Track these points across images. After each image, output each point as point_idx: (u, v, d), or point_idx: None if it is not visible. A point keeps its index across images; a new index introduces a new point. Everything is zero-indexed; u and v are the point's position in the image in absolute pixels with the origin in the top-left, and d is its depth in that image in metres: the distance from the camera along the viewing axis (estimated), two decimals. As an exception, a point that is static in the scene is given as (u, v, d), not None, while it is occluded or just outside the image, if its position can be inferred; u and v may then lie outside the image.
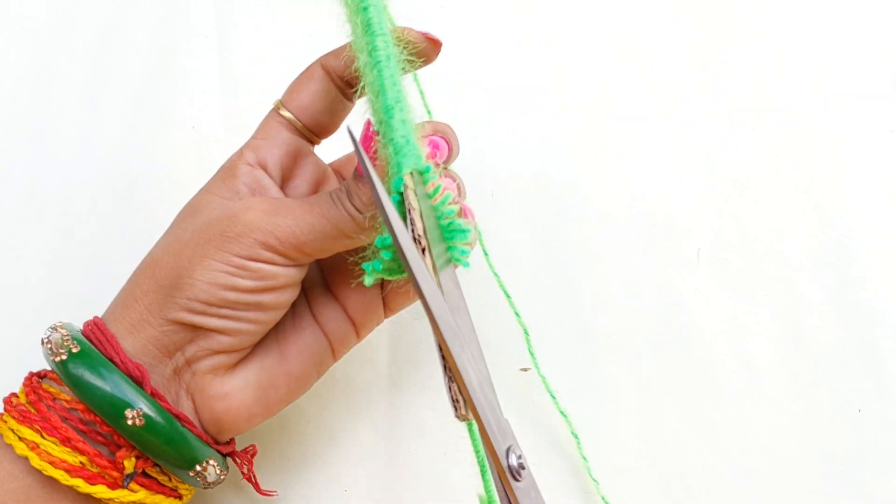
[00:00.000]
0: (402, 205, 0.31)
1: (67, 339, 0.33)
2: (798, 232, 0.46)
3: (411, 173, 0.30)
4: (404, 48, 0.33)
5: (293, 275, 0.34)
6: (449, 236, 0.32)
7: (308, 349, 0.36)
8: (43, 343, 0.33)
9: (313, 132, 0.38)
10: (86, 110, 0.50)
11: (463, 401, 0.28)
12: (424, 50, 0.34)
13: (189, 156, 0.49)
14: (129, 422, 0.32)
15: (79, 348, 0.32)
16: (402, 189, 0.30)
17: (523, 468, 0.28)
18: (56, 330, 0.33)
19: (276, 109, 0.37)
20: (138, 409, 0.32)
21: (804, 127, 0.49)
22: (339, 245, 0.34)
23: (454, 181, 0.36)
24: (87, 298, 0.36)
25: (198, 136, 0.50)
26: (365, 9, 0.32)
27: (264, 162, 0.37)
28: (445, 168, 0.36)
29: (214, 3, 0.53)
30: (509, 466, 0.27)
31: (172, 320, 0.33)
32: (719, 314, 0.44)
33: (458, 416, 0.28)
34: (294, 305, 0.37)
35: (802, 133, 0.49)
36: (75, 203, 0.48)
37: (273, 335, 0.36)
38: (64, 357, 0.32)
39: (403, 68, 0.33)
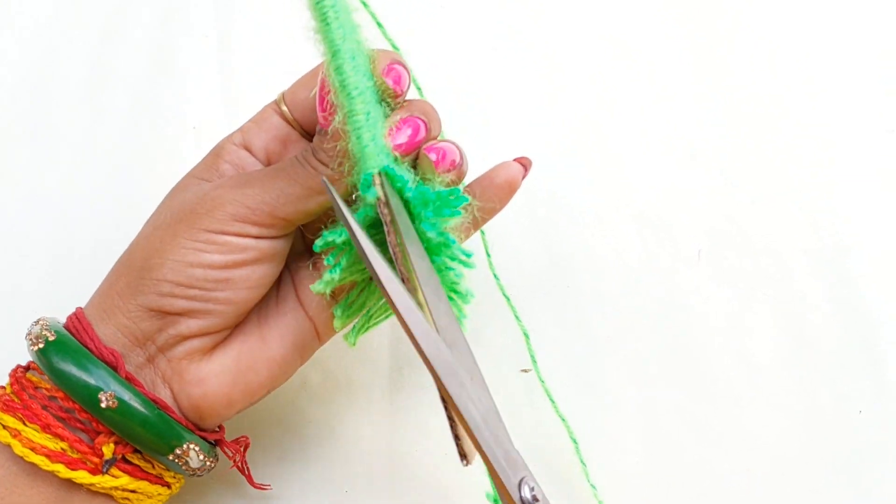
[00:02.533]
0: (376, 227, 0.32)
1: (46, 329, 0.33)
2: (797, 231, 0.46)
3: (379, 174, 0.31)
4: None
5: (265, 248, 0.34)
6: (435, 249, 0.32)
7: (291, 332, 0.36)
8: (26, 336, 0.34)
9: (303, 127, 0.38)
10: (86, 110, 0.50)
11: (466, 437, 0.28)
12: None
13: (189, 156, 0.49)
14: (103, 404, 0.32)
15: (55, 336, 0.33)
16: (374, 194, 0.30)
17: (537, 500, 0.27)
18: (37, 323, 0.34)
19: (277, 100, 0.38)
20: (111, 392, 0.32)
21: (803, 127, 0.48)
22: (313, 204, 0.34)
23: (452, 149, 0.34)
24: (86, 298, 0.36)
25: (198, 136, 0.51)
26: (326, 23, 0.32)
27: (249, 143, 0.37)
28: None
29: (214, 3, 0.53)
30: (522, 499, 0.27)
31: (141, 305, 0.33)
32: (719, 314, 0.44)
33: (462, 461, 0.28)
34: (279, 287, 0.36)
35: (801, 133, 0.48)
36: (75, 203, 0.48)
37: (255, 318, 0.36)
38: (41, 346, 0.33)
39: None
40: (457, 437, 0.28)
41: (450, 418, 0.28)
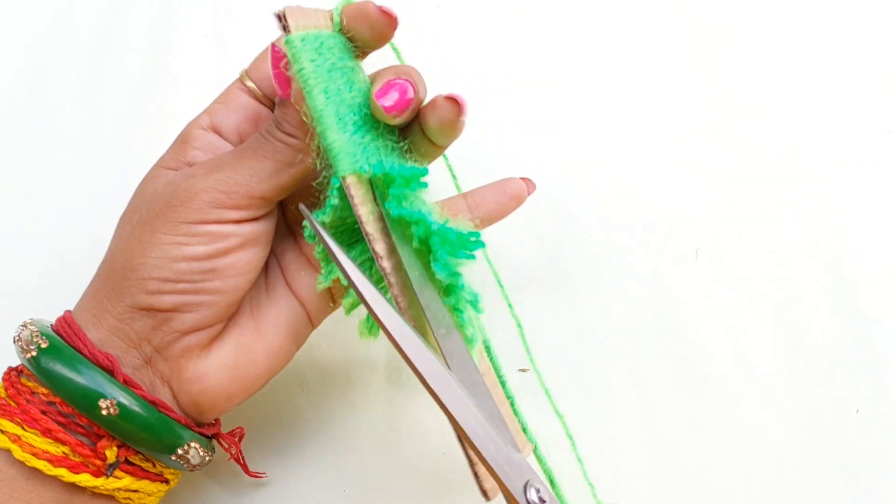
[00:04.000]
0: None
1: (37, 335, 0.33)
2: (796, 231, 0.46)
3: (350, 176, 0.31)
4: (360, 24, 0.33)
5: (247, 232, 0.34)
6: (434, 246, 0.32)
7: (284, 320, 0.36)
8: (14, 340, 0.33)
9: (273, 102, 0.37)
10: (84, 110, 0.50)
11: (486, 476, 0.28)
12: (379, 25, 0.33)
13: None
14: (104, 412, 0.32)
15: (47, 343, 0.33)
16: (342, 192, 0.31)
17: (544, 502, 0.28)
18: (26, 327, 0.34)
19: (240, 78, 0.37)
20: (112, 399, 0.32)
21: (802, 127, 0.49)
22: (287, 178, 0.33)
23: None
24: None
25: None
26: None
27: (219, 126, 0.36)
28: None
29: (212, 3, 0.52)
30: (529, 502, 0.27)
31: (131, 306, 0.33)
32: (717, 314, 0.44)
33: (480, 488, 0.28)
34: (268, 275, 0.36)
35: (800, 133, 0.48)
36: (73, 203, 0.48)
37: (248, 309, 0.36)
38: (34, 353, 0.32)
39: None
40: (476, 475, 0.29)
41: (467, 457, 0.29)
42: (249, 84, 0.36)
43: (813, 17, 0.51)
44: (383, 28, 0.33)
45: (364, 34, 0.33)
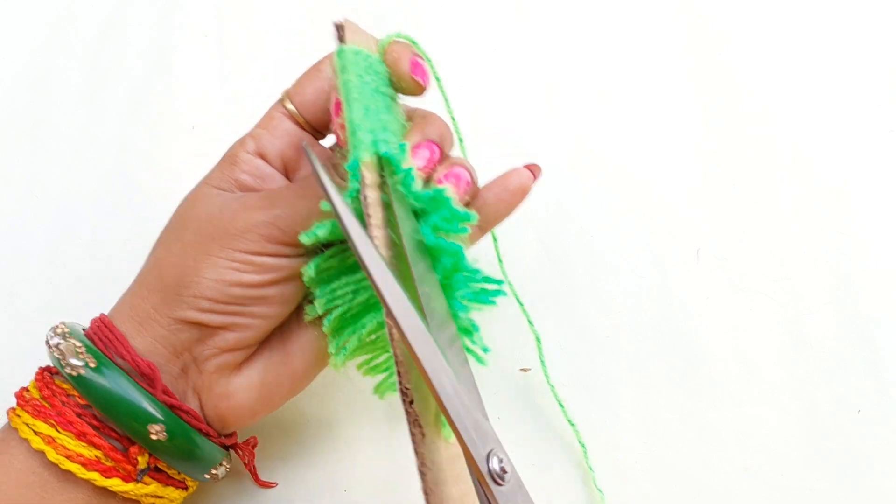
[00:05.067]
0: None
1: (81, 352, 0.33)
2: (797, 231, 0.46)
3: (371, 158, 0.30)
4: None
5: (297, 265, 0.34)
6: (435, 251, 0.32)
7: (311, 346, 0.37)
8: (49, 347, 0.34)
9: (315, 128, 0.38)
10: (85, 110, 0.49)
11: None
12: (409, 85, 0.35)
13: (188, 156, 0.50)
14: (154, 437, 0.33)
15: (96, 363, 0.33)
16: (358, 179, 0.30)
17: (506, 472, 0.27)
18: (64, 338, 0.34)
19: (281, 100, 0.37)
20: (161, 424, 0.33)
21: (805, 127, 0.49)
22: None
23: (463, 172, 0.35)
24: (86, 297, 0.36)
25: (197, 136, 0.50)
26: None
27: (264, 152, 0.37)
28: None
29: (214, 3, 0.53)
30: (490, 471, 0.27)
31: (180, 319, 0.34)
32: (718, 314, 0.44)
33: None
34: (299, 305, 0.37)
35: (803, 133, 0.49)
36: (74, 202, 0.48)
37: (278, 333, 0.37)
38: (81, 372, 0.33)
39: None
40: (408, 412, 0.28)
41: (403, 392, 0.28)
42: (290, 107, 0.37)
43: (815, 19, 0.52)
44: (412, 88, 0.35)
45: (396, 81, 0.35)
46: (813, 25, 0.52)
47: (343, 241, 0.33)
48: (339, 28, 0.33)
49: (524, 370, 0.43)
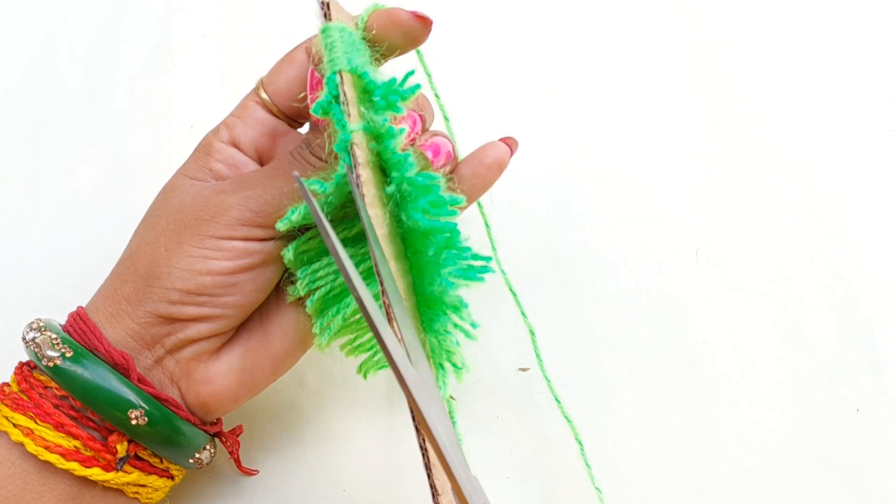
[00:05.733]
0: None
1: (57, 342, 0.33)
2: (796, 232, 0.46)
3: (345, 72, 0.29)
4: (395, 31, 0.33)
5: (271, 250, 0.34)
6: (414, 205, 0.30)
7: (292, 328, 0.36)
8: (26, 342, 0.34)
9: (290, 117, 0.37)
10: (84, 107, 0.50)
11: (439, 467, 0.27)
12: (413, 30, 0.34)
13: (187, 155, 0.49)
14: (133, 422, 0.33)
15: (72, 352, 0.33)
16: (337, 90, 0.29)
17: None
18: (41, 331, 0.34)
19: (256, 88, 0.37)
20: (140, 409, 0.33)
21: (803, 126, 0.49)
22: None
23: (444, 141, 0.35)
24: (84, 296, 0.36)
25: (196, 136, 0.50)
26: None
27: (237, 140, 0.37)
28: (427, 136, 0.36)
29: (213, 2, 0.53)
30: None
31: (150, 312, 0.34)
32: (717, 314, 0.44)
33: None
34: (279, 285, 0.37)
35: (801, 132, 0.49)
36: (73, 201, 0.48)
37: (257, 316, 0.37)
38: (58, 362, 0.33)
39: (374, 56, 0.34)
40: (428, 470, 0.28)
41: (422, 447, 0.28)
42: (264, 96, 0.37)
43: (813, 22, 0.51)
44: (417, 32, 0.34)
45: (396, 40, 0.34)
46: (811, 28, 0.52)
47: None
48: (325, 5, 0.33)
49: (523, 370, 0.43)
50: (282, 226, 0.33)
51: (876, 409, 0.42)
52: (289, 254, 0.34)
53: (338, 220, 0.34)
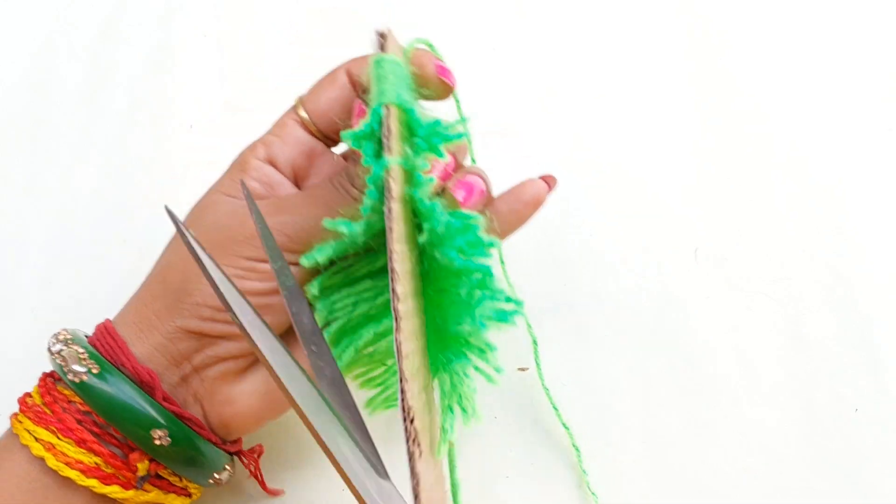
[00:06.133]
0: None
1: (84, 357, 0.33)
2: (795, 231, 0.46)
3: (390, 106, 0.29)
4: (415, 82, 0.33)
5: (304, 273, 0.34)
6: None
7: None
8: (52, 354, 0.33)
9: (327, 136, 0.37)
10: (84, 109, 0.50)
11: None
12: (436, 87, 0.34)
13: (187, 154, 0.50)
14: (157, 442, 0.33)
15: (98, 368, 0.33)
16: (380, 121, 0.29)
17: None
18: (67, 344, 0.33)
19: (295, 107, 0.37)
20: (164, 429, 0.32)
21: (803, 126, 0.49)
22: None
23: (477, 180, 0.34)
24: (84, 297, 0.36)
25: (196, 135, 0.50)
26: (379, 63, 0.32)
27: (274, 158, 0.36)
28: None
29: (213, 2, 0.53)
30: None
31: (180, 327, 0.34)
32: (717, 313, 0.44)
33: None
34: None
35: (801, 132, 0.49)
36: (73, 201, 0.48)
37: (284, 337, 0.36)
38: (84, 378, 0.33)
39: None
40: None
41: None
42: (303, 115, 0.37)
43: (812, 19, 0.52)
44: (439, 90, 0.35)
45: (422, 87, 0.34)
46: (810, 26, 0.52)
47: (343, 258, 0.33)
48: (382, 37, 0.32)
49: (522, 369, 0.43)
50: (306, 262, 0.33)
51: (876, 408, 0.42)
52: (313, 289, 0.34)
53: (362, 253, 0.34)
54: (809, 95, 0.50)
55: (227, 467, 0.35)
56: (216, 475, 0.35)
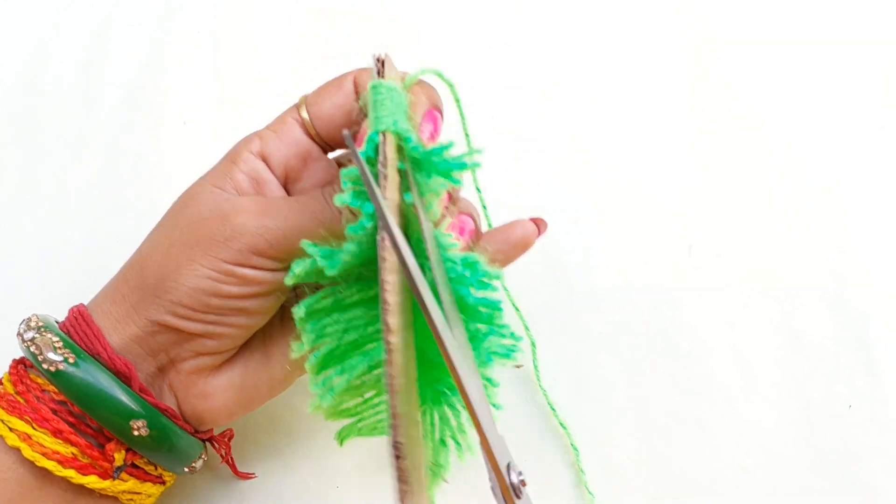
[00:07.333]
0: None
1: (59, 346, 0.32)
2: (790, 229, 0.46)
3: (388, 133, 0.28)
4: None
5: (279, 280, 0.33)
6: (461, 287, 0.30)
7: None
8: (24, 341, 0.33)
9: (325, 141, 0.36)
10: (78, 103, 0.49)
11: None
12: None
13: (181, 150, 0.49)
14: (135, 433, 0.32)
15: (74, 357, 0.32)
16: (376, 147, 0.28)
17: (524, 485, 0.27)
18: (39, 331, 0.33)
19: (297, 105, 0.36)
20: (143, 420, 0.32)
21: (797, 124, 0.49)
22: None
23: (467, 220, 0.34)
24: (79, 292, 0.35)
25: (190, 131, 0.50)
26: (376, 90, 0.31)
27: (268, 155, 0.35)
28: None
29: (211, 2, 0.52)
30: (511, 484, 0.27)
31: (156, 321, 0.33)
32: (711, 310, 0.44)
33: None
34: (284, 308, 0.36)
35: (794, 131, 0.49)
36: (68, 197, 0.47)
37: (260, 337, 0.36)
38: (60, 367, 0.32)
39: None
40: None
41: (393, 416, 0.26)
42: (304, 115, 0.35)
43: (807, 18, 0.52)
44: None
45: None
46: (805, 24, 0.52)
47: (332, 283, 0.31)
48: (380, 62, 0.31)
49: (517, 366, 0.43)
50: (289, 280, 0.30)
51: (871, 406, 0.42)
52: (300, 312, 0.31)
53: (352, 280, 0.31)
54: (804, 94, 0.50)
55: (203, 456, 0.35)
56: (192, 464, 0.35)
